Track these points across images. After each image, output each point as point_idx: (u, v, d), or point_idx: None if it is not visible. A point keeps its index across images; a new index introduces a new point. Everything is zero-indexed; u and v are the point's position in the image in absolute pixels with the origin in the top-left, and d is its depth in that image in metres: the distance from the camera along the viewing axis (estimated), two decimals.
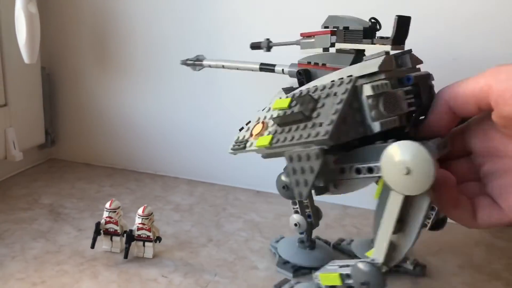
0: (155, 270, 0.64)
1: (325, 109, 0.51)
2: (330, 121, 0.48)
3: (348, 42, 0.61)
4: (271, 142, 0.52)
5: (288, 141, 0.51)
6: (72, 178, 0.94)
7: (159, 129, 0.97)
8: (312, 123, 0.50)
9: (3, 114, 0.87)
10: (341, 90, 0.51)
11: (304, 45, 0.63)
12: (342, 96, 0.51)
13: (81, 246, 0.69)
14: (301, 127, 0.51)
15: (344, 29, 0.61)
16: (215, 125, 0.93)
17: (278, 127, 0.53)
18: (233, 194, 0.92)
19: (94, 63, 0.97)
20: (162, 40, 0.92)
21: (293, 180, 0.50)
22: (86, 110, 1.00)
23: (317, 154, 0.48)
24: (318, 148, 0.47)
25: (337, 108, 0.48)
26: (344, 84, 0.51)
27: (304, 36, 0.63)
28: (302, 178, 0.50)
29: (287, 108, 0.53)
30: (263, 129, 0.55)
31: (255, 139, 0.54)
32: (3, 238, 0.70)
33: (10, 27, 0.82)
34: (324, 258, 0.68)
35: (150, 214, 0.66)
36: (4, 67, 0.85)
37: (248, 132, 0.56)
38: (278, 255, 0.68)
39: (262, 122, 0.55)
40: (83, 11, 0.94)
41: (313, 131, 0.49)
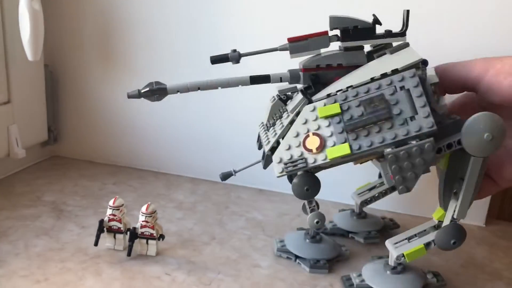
0: (159, 268, 0.65)
1: (403, 105, 0.53)
2: (426, 114, 0.52)
3: (358, 40, 0.60)
4: (352, 149, 0.53)
5: (378, 143, 0.53)
6: (75, 175, 0.95)
7: (162, 127, 0.97)
8: (400, 120, 0.53)
9: (6, 111, 0.87)
10: (411, 84, 0.54)
11: (295, 50, 0.60)
12: (416, 89, 0.54)
13: (84, 243, 0.69)
14: (386, 127, 0.53)
15: (354, 28, 0.60)
16: (218, 124, 0.93)
17: (347, 133, 0.54)
18: (236, 192, 0.92)
19: (97, 60, 0.97)
20: (165, 38, 0.92)
21: (398, 178, 0.53)
22: (88, 108, 1.00)
23: (433, 146, 0.52)
24: (432, 140, 0.51)
25: (424, 101, 0.53)
26: (409, 78, 0.54)
27: (293, 40, 0.60)
28: (410, 173, 0.53)
29: (340, 113, 0.55)
30: (321, 140, 0.55)
31: (318, 153, 0.55)
32: (6, 235, 0.70)
33: (14, 24, 0.82)
34: (331, 249, 0.70)
35: (153, 212, 0.66)
36: (8, 64, 0.85)
37: (298, 149, 0.56)
38: (311, 262, 0.68)
39: (315, 134, 0.55)
40: (86, 8, 0.94)
41: (410, 127, 0.52)
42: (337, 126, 0.54)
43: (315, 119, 0.56)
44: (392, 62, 0.57)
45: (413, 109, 0.53)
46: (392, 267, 0.62)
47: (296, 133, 0.56)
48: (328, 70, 0.60)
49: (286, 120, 0.59)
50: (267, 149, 0.59)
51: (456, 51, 0.76)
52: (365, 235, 0.76)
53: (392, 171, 0.53)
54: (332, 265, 0.68)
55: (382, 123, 0.53)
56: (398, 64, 0.56)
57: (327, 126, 0.55)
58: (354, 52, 0.61)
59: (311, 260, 0.67)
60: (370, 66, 0.59)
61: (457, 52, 0.74)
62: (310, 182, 0.58)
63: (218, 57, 0.61)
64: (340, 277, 0.65)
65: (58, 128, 1.03)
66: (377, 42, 0.62)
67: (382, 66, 0.57)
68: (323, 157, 0.54)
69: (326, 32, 0.61)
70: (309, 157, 0.55)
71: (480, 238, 0.81)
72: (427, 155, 0.52)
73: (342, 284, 0.64)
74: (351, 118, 0.54)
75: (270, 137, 0.61)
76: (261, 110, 0.69)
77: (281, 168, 0.55)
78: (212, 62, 0.61)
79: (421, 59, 0.56)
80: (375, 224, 0.79)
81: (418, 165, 0.52)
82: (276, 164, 0.56)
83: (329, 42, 0.61)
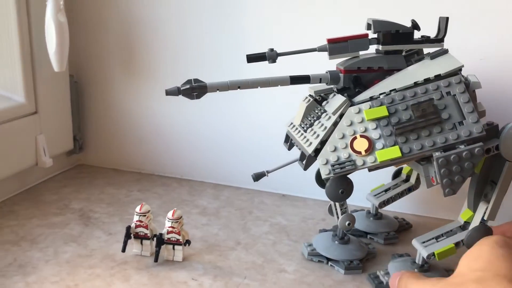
0: (185, 273, 0.65)
1: (451, 109, 0.55)
2: (475, 119, 0.54)
3: (398, 44, 0.61)
4: (403, 152, 0.54)
5: (428, 147, 0.54)
6: (101, 183, 0.96)
7: (185, 134, 0.98)
8: (450, 124, 0.55)
9: (34, 122, 0.89)
10: (458, 90, 0.56)
11: (334, 51, 0.61)
12: (464, 95, 0.56)
13: (111, 250, 0.70)
14: (436, 131, 0.55)
15: (396, 32, 0.61)
16: (240, 130, 0.94)
17: (396, 136, 0.55)
18: (259, 198, 0.92)
19: (120, 70, 0.98)
20: (188, 45, 0.93)
21: (446, 181, 0.54)
22: (113, 116, 1.01)
23: (483, 151, 0.54)
24: (482, 145, 0.54)
25: (472, 107, 0.55)
26: (455, 84, 0.56)
27: (333, 41, 0.61)
28: (458, 176, 0.54)
29: (388, 116, 0.56)
30: (370, 143, 0.55)
31: (367, 155, 0.55)
32: (37, 242, 0.71)
33: (41, 36, 0.84)
34: (361, 249, 0.70)
35: (179, 217, 0.67)
36: (35, 76, 0.88)
37: (345, 150, 0.56)
38: (345, 263, 0.68)
39: (363, 136, 0.56)
40: (109, 19, 0.96)
41: (460, 132, 0.54)
42: (385, 128, 0.55)
43: (361, 121, 0.57)
44: (434, 67, 0.58)
45: (461, 115, 0.55)
46: (420, 265, 0.62)
47: (342, 134, 0.57)
48: (368, 72, 0.61)
49: (328, 121, 0.59)
50: (310, 150, 0.59)
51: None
52: (384, 236, 0.76)
53: (441, 174, 0.54)
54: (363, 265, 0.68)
55: (432, 127, 0.55)
56: (441, 69, 0.57)
57: (375, 128, 0.56)
58: (395, 56, 0.61)
59: (345, 262, 0.67)
60: (411, 70, 0.60)
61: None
62: (345, 185, 0.58)
63: (254, 55, 0.61)
64: (367, 275, 0.66)
65: (83, 137, 1.05)
66: (417, 47, 0.63)
67: (424, 71, 0.58)
68: (373, 159, 0.55)
69: (366, 35, 0.61)
70: (357, 159, 0.55)
71: None
72: (476, 159, 0.54)
73: (371, 282, 0.64)
74: (399, 122, 0.55)
75: (310, 138, 0.60)
76: (283, 113, 0.69)
77: (328, 170, 0.56)
78: (248, 61, 0.61)
79: (462, 65, 0.57)
80: (392, 225, 0.79)
81: (466, 169, 0.54)
82: (323, 165, 0.56)
83: (369, 45, 0.62)
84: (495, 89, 0.76)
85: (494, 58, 0.77)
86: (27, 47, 0.85)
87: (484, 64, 0.78)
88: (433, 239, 0.62)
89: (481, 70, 0.78)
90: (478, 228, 0.59)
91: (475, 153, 0.53)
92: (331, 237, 0.70)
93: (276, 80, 0.59)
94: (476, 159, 0.54)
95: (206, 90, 0.57)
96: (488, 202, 0.59)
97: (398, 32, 0.61)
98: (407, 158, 0.55)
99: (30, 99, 0.88)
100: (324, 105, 0.62)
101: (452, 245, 0.60)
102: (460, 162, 0.53)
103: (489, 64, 0.78)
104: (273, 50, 0.61)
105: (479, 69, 0.78)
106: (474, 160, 0.54)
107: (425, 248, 0.61)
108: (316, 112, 0.62)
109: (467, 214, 0.62)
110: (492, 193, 0.59)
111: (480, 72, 0.78)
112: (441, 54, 0.60)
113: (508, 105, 0.77)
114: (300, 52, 0.61)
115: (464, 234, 0.60)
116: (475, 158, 0.54)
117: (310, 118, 0.62)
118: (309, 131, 0.61)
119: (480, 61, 0.78)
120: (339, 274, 0.67)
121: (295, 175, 0.79)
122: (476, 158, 0.54)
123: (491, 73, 0.78)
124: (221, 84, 0.58)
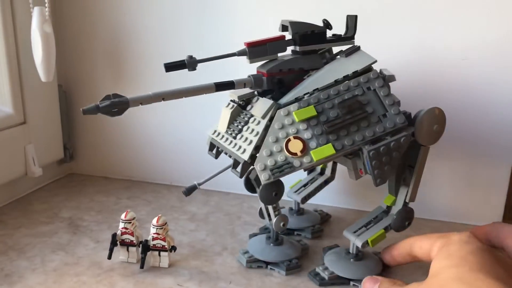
0: (171, 279, 0.65)
1: (374, 104, 0.58)
2: (397, 111, 0.58)
3: (314, 43, 0.63)
4: (336, 149, 0.56)
5: (359, 141, 0.57)
6: (91, 191, 0.97)
7: (174, 141, 0.98)
8: (375, 118, 0.57)
9: (23, 132, 0.90)
10: (377, 85, 0.59)
11: (254, 54, 0.61)
12: (383, 89, 0.59)
13: (98, 257, 0.71)
14: (363, 126, 0.57)
15: (311, 32, 0.62)
16: None
17: (328, 134, 0.57)
18: (248, 203, 0.92)
19: (109, 78, 0.99)
20: (176, 55, 0.93)
21: (377, 172, 0.57)
22: (102, 125, 1.02)
23: (409, 139, 0.58)
24: (408, 134, 0.57)
25: (392, 99, 0.58)
26: (374, 79, 0.59)
27: (250, 45, 0.61)
28: (387, 166, 0.57)
29: (316, 116, 0.57)
30: (304, 143, 0.56)
31: (303, 156, 0.56)
32: (24, 252, 0.72)
33: (27, 46, 0.85)
34: (295, 247, 0.71)
35: (164, 223, 0.67)
36: (22, 86, 0.88)
37: (281, 154, 0.57)
38: (285, 264, 0.68)
39: (296, 138, 0.57)
40: (96, 28, 0.97)
41: (386, 124, 0.57)
42: (315, 128, 0.57)
43: (291, 123, 0.57)
44: (350, 64, 0.61)
45: (383, 108, 0.58)
46: (355, 254, 0.66)
47: (275, 138, 0.57)
48: (289, 74, 0.62)
49: (259, 126, 0.59)
50: (246, 157, 0.58)
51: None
52: (311, 230, 0.78)
53: (372, 166, 0.56)
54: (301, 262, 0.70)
55: (359, 122, 0.57)
56: (357, 66, 0.60)
57: (305, 129, 0.57)
58: (312, 55, 0.63)
59: (285, 262, 0.68)
60: (328, 69, 0.62)
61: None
62: (277, 187, 0.60)
63: (173, 63, 0.59)
64: (307, 274, 0.67)
65: (73, 146, 1.05)
66: (331, 45, 0.65)
67: (342, 69, 0.61)
68: (309, 159, 0.56)
69: (283, 37, 0.63)
70: (294, 161, 0.56)
71: None
72: (402, 148, 0.57)
73: (313, 280, 0.66)
74: (328, 120, 0.57)
75: (243, 145, 0.60)
76: None
77: (268, 175, 0.56)
78: (167, 70, 0.59)
79: (375, 60, 0.61)
80: (315, 219, 0.81)
81: (394, 158, 0.57)
82: (261, 171, 0.56)
83: (286, 46, 0.63)
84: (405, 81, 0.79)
85: (475, 58, 0.78)
86: (14, 58, 0.86)
87: (467, 63, 0.78)
88: (363, 227, 0.65)
89: (463, 70, 0.79)
90: (402, 211, 0.64)
91: (401, 142, 0.57)
92: (265, 240, 0.71)
93: (201, 88, 0.57)
94: (402, 148, 0.57)
95: (128, 106, 0.53)
96: (407, 186, 0.63)
97: (314, 32, 0.62)
98: (340, 154, 0.57)
99: (18, 109, 0.88)
100: (249, 110, 0.62)
101: (382, 231, 0.64)
102: (388, 152, 0.56)
103: (472, 64, 0.78)
104: (192, 57, 0.59)
105: (461, 69, 0.79)
106: (401, 149, 0.57)
107: (358, 237, 0.64)
108: (242, 117, 0.62)
109: (389, 199, 0.66)
110: (411, 177, 0.62)
111: (462, 72, 0.79)
112: (354, 51, 0.62)
113: (422, 95, 0.80)
114: (220, 57, 0.61)
115: (389, 218, 0.65)
116: (402, 147, 0.57)
117: (237, 124, 0.62)
118: (239, 137, 0.61)
119: (462, 61, 0.78)
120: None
121: (284, 180, 0.79)
122: (403, 147, 0.57)
123: (473, 73, 0.79)
124: (144, 97, 0.54)
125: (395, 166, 0.57)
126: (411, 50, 0.80)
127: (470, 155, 0.82)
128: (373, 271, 0.65)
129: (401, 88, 0.65)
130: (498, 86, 0.78)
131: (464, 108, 0.79)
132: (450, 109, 0.63)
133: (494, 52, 0.77)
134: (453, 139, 0.80)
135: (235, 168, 0.61)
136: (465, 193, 0.84)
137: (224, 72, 0.72)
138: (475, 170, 0.82)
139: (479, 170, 0.82)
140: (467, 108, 0.79)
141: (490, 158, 0.81)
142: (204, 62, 0.60)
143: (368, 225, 0.65)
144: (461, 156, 0.82)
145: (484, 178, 0.82)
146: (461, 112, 0.80)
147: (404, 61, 0.80)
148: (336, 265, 0.66)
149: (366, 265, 0.65)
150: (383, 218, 0.66)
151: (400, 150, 0.57)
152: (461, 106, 0.79)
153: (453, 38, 0.78)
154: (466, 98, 0.79)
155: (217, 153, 0.67)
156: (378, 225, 0.65)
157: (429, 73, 0.80)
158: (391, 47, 0.81)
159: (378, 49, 0.64)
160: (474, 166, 0.82)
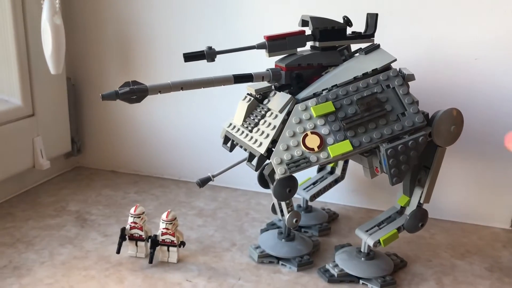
0: (180, 275, 0.65)
1: (393, 102, 0.58)
2: (416, 110, 0.57)
3: (334, 40, 0.62)
4: (353, 145, 0.56)
5: (377, 139, 0.56)
6: (98, 185, 0.96)
7: (182, 136, 0.98)
8: (393, 116, 0.57)
9: (31, 124, 0.89)
10: (396, 83, 0.59)
11: (273, 48, 0.60)
12: (403, 88, 0.58)
13: (107, 251, 0.70)
14: (381, 123, 0.57)
15: (332, 28, 0.62)
16: None
17: (345, 131, 0.56)
18: (256, 199, 0.92)
19: (117, 72, 0.99)
20: (185, 48, 0.93)
21: (394, 171, 0.56)
22: (110, 119, 1.02)
23: (427, 138, 0.57)
24: (425, 134, 0.56)
25: (412, 98, 0.57)
26: (393, 78, 0.59)
27: (271, 38, 0.60)
28: (404, 165, 0.57)
29: (334, 112, 0.57)
30: (321, 139, 0.56)
31: (320, 151, 0.56)
32: (32, 244, 0.72)
33: (37, 39, 0.84)
34: (307, 243, 0.71)
35: (174, 219, 0.67)
36: (32, 78, 0.88)
37: (297, 148, 0.56)
38: (297, 260, 0.68)
39: (313, 133, 0.56)
40: (106, 22, 0.96)
41: (404, 123, 0.57)
42: (333, 124, 0.56)
43: (309, 118, 0.57)
44: (370, 62, 0.60)
45: (402, 106, 0.57)
46: (366, 253, 0.65)
47: (292, 132, 0.57)
48: (308, 69, 0.61)
49: (276, 120, 0.58)
50: (262, 150, 0.58)
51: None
52: (318, 228, 0.78)
53: (390, 164, 0.56)
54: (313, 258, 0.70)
55: (377, 119, 0.57)
56: (376, 64, 0.60)
57: (323, 124, 0.57)
58: (331, 52, 0.63)
59: (296, 259, 0.68)
60: (348, 66, 0.61)
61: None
62: (292, 184, 0.59)
63: (192, 54, 0.59)
64: (317, 270, 0.67)
65: (81, 139, 1.05)
66: (350, 42, 0.65)
67: (361, 66, 0.60)
68: (326, 155, 0.56)
69: (303, 32, 0.62)
70: (311, 156, 0.56)
71: (507, 241, 0.79)
72: (420, 147, 0.57)
73: (322, 276, 0.66)
74: (346, 116, 0.56)
75: (259, 138, 0.59)
76: None
77: (284, 169, 0.55)
78: (186, 60, 0.59)
79: (395, 59, 0.60)
80: (323, 217, 0.81)
81: (412, 157, 0.57)
82: (277, 165, 0.56)
83: (306, 41, 0.62)
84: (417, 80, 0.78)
85: (488, 58, 0.77)
86: (24, 50, 0.85)
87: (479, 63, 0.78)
88: (376, 227, 0.65)
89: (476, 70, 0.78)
90: (416, 212, 0.63)
91: (420, 141, 0.56)
92: (277, 236, 0.71)
93: (220, 80, 0.57)
94: (420, 147, 0.56)
95: (147, 93, 0.53)
96: (422, 187, 0.63)
97: (334, 28, 0.62)
98: (357, 151, 0.56)
99: (27, 101, 0.88)
100: (266, 104, 0.62)
101: (395, 231, 0.63)
102: (406, 151, 0.56)
103: (484, 64, 0.78)
104: (211, 48, 0.59)
105: (474, 68, 0.78)
106: (418, 148, 0.56)
107: (370, 236, 0.64)
108: (259, 111, 0.62)
109: (403, 199, 0.65)
110: (426, 178, 0.62)
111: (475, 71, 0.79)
112: (374, 49, 0.62)
113: (435, 95, 0.79)
114: (239, 50, 0.60)
115: (403, 219, 0.64)
116: (420, 146, 0.56)
117: (254, 117, 0.62)
118: (255, 131, 0.60)
119: (475, 61, 0.77)
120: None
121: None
122: (420, 146, 0.56)
123: (486, 72, 0.78)
124: (163, 85, 0.54)
125: (411, 166, 0.57)
126: (424, 49, 0.79)
127: (482, 155, 0.81)
128: (384, 271, 0.64)
129: (412, 87, 0.65)
130: (511, 86, 0.77)
131: (476, 108, 0.79)
132: (462, 109, 0.62)
133: (507, 52, 0.76)
134: (465, 140, 0.79)
135: (250, 161, 0.61)
136: (477, 194, 0.83)
137: (231, 67, 0.72)
138: (487, 170, 0.82)
139: (490, 170, 0.81)
140: (479, 109, 0.79)
141: (502, 158, 0.80)
142: (223, 53, 0.59)
143: (381, 225, 0.65)
144: (472, 157, 0.81)
145: (496, 178, 0.81)
146: (473, 112, 0.79)
147: (415, 61, 0.79)
148: (347, 263, 0.65)
149: (377, 265, 0.65)
150: (397, 218, 0.65)
151: (417, 149, 0.56)
152: (472, 106, 0.79)
153: (465, 38, 0.77)
154: (477, 99, 0.79)
155: (231, 146, 0.66)
156: (391, 225, 0.64)
157: (440, 73, 0.79)
158: (405, 46, 0.80)
159: (391, 49, 0.63)
160: (486, 166, 0.81)
